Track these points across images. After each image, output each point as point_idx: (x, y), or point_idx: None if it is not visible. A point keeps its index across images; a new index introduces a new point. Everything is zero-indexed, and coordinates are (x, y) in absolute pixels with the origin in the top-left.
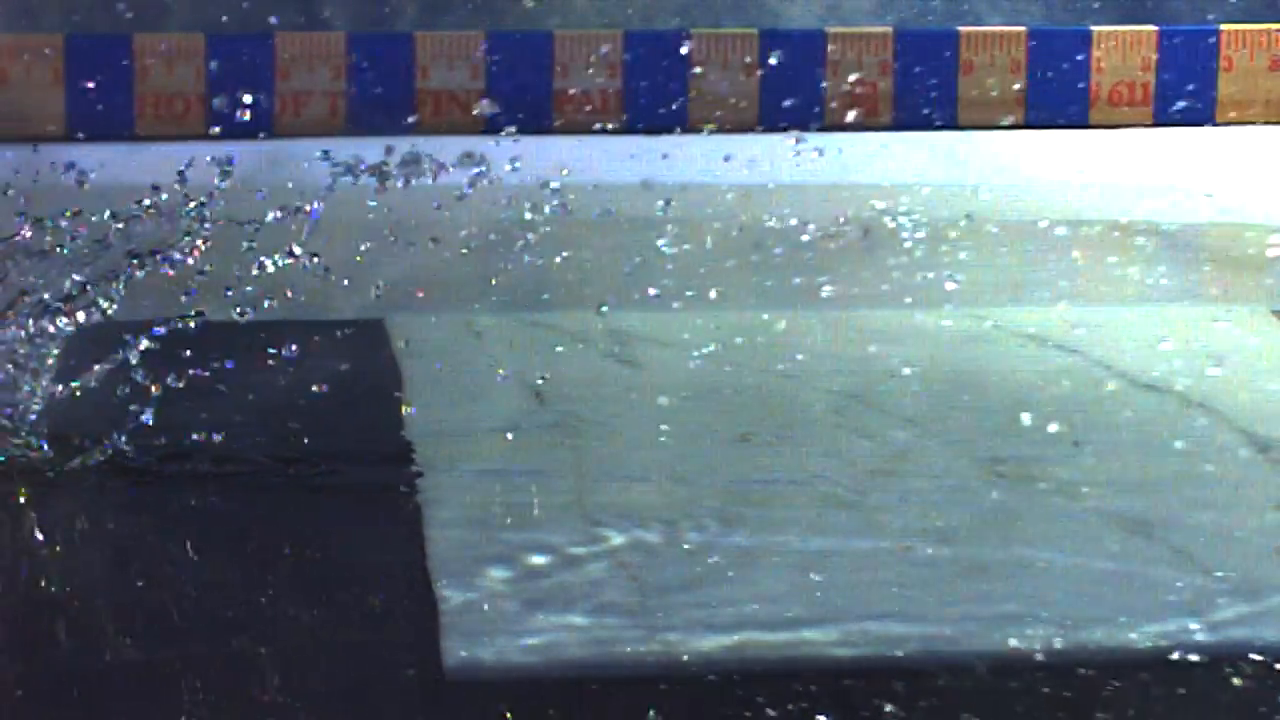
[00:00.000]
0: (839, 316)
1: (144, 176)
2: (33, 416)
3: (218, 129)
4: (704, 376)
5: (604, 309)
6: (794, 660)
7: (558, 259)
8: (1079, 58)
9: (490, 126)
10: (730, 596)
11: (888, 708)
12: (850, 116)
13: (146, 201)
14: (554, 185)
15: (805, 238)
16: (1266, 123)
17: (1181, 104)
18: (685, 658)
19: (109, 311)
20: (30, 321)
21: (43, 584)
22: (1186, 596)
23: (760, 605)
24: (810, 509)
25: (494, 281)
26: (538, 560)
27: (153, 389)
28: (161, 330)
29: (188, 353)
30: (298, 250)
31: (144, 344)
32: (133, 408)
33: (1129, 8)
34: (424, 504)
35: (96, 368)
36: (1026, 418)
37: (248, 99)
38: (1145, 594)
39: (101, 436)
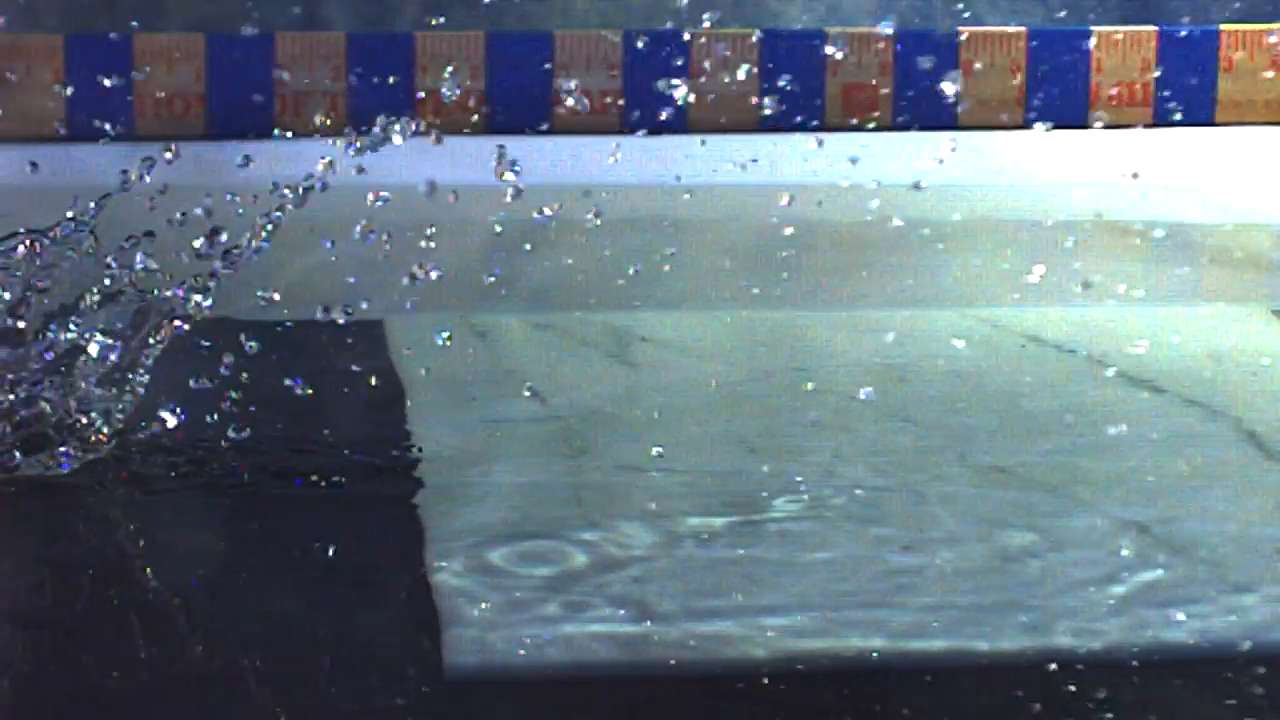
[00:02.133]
0: (840, 317)
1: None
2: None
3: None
4: (705, 377)
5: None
6: (794, 660)
7: (558, 259)
8: (1079, 58)
9: (491, 126)
10: (731, 597)
11: (888, 708)
12: (850, 117)
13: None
14: (554, 186)
15: (805, 238)
16: (1266, 123)
17: (1181, 104)
18: (686, 658)
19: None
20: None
21: (42, 589)
22: (1187, 596)
23: (761, 605)
24: (811, 509)
25: (494, 282)
26: (538, 561)
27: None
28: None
29: (185, 354)
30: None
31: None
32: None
33: (1129, 8)
34: (424, 504)
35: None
36: (1026, 418)
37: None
38: (1145, 594)
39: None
